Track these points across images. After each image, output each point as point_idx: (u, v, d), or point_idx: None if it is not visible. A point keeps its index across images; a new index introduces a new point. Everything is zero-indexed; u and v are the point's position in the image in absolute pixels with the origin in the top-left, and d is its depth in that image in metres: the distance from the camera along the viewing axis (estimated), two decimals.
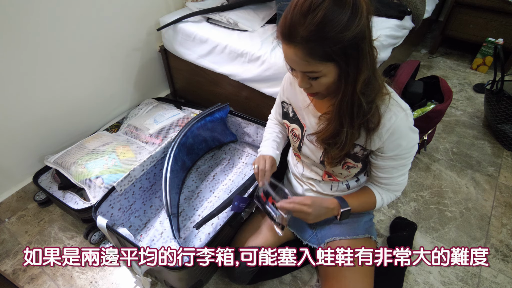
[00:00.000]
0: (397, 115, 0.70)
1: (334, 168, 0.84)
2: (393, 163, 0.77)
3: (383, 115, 0.70)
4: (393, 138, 0.72)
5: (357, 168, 0.84)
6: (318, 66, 0.61)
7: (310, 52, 0.59)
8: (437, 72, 2.27)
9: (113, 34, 1.45)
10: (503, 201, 1.40)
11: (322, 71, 0.62)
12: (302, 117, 0.87)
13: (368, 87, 0.66)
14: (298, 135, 0.90)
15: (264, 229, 1.02)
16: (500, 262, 1.18)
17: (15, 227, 1.31)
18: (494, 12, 2.05)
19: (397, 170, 0.79)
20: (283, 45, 0.63)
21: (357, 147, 0.77)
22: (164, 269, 0.86)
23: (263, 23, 1.55)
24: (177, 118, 1.55)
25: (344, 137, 0.71)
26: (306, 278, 1.13)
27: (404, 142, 0.73)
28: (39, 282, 1.14)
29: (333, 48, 0.57)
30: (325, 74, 0.62)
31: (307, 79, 0.66)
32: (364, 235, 0.95)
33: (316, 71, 0.62)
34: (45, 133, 1.35)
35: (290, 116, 0.91)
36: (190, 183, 1.34)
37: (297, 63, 0.62)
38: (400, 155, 0.75)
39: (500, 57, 1.50)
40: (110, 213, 1.10)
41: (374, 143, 0.74)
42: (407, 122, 0.72)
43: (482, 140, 1.71)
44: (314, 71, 0.62)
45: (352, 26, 0.56)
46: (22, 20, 1.11)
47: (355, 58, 0.60)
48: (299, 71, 0.65)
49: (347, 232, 0.95)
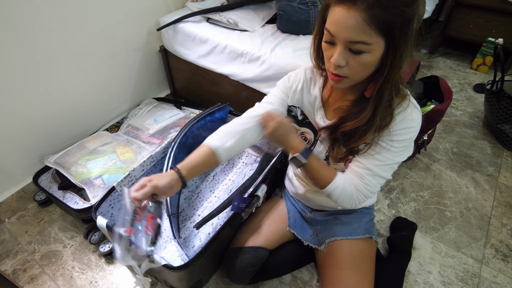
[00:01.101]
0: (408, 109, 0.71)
1: (336, 166, 0.84)
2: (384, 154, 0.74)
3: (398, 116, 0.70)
4: (401, 126, 0.71)
5: None
6: (372, 37, 0.58)
7: (371, 19, 0.57)
8: (437, 72, 2.27)
9: (113, 34, 1.45)
10: (503, 201, 1.40)
11: (373, 44, 0.59)
12: (314, 121, 0.86)
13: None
14: (309, 139, 0.88)
15: (264, 229, 1.02)
16: (500, 262, 1.18)
17: (15, 227, 1.31)
18: (494, 12, 2.05)
19: (374, 161, 0.74)
20: (338, 9, 0.59)
21: (362, 145, 0.76)
22: (164, 269, 0.86)
23: (263, 23, 1.56)
24: (177, 118, 1.55)
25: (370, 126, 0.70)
26: (306, 278, 1.13)
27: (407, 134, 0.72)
28: (39, 282, 1.14)
29: (394, 19, 0.57)
30: (372, 49, 0.60)
31: (348, 53, 0.62)
32: (365, 235, 0.95)
33: (367, 42, 0.59)
34: (45, 133, 1.35)
35: (299, 119, 0.89)
36: (190, 183, 1.33)
37: (352, 30, 0.58)
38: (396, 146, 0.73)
39: (500, 57, 1.50)
40: (110, 213, 1.10)
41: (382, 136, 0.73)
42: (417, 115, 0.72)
43: (482, 140, 1.71)
44: (365, 42, 0.59)
45: (415, 4, 0.57)
46: (22, 20, 1.11)
47: (405, 39, 0.60)
48: (343, 42, 0.61)
49: (347, 232, 0.95)
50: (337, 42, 0.62)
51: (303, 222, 1.07)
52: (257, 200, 1.02)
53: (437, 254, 1.20)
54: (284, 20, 1.44)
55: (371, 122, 0.69)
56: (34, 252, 1.22)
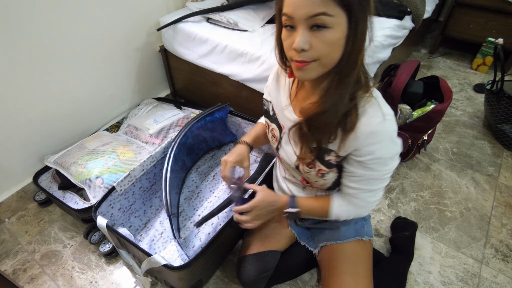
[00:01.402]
0: (374, 118, 0.64)
1: (308, 174, 0.78)
2: (363, 172, 0.70)
3: (362, 115, 0.64)
4: (368, 142, 0.65)
5: (333, 173, 0.76)
6: (331, 8, 0.55)
7: None
8: (437, 72, 2.27)
9: (113, 34, 1.45)
10: (503, 201, 1.40)
11: (334, 17, 0.56)
12: (280, 118, 0.83)
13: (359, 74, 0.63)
14: (276, 136, 0.85)
15: (271, 232, 1.01)
16: (500, 262, 1.18)
17: (15, 227, 1.31)
18: (494, 12, 2.05)
19: (366, 182, 0.73)
20: None
21: (331, 153, 0.71)
22: (164, 269, 0.86)
23: (263, 23, 1.56)
24: (177, 118, 1.55)
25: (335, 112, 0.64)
26: (306, 278, 1.13)
27: (379, 151, 0.66)
28: (39, 282, 1.14)
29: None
30: (334, 24, 0.56)
31: (310, 34, 0.58)
32: (355, 237, 0.93)
33: (328, 13, 0.55)
34: (45, 133, 1.35)
35: (270, 114, 0.88)
36: (190, 183, 1.34)
37: (310, 2, 0.55)
38: (372, 164, 0.68)
39: (500, 57, 1.50)
40: (110, 213, 1.10)
41: (349, 145, 0.67)
42: (385, 128, 0.65)
43: (482, 140, 1.71)
44: (326, 13, 0.55)
45: None
46: (22, 20, 1.11)
47: (364, 13, 0.57)
48: (304, 20, 0.57)
49: (337, 237, 0.94)
50: (297, 23, 0.58)
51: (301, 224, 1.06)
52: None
53: (437, 254, 1.20)
54: None
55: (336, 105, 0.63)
56: (34, 252, 1.22)
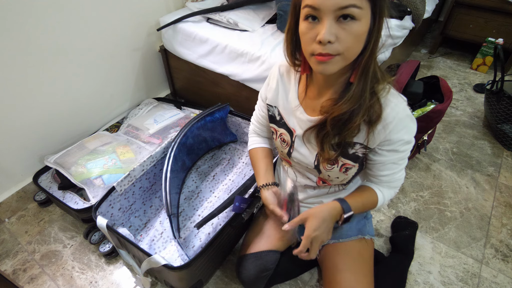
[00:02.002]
0: (399, 105, 0.67)
1: (330, 172, 0.78)
2: (394, 157, 0.74)
3: (387, 106, 0.67)
4: (398, 129, 0.68)
5: (355, 168, 0.77)
6: (360, 0, 0.55)
7: None
8: (437, 72, 2.27)
9: (113, 34, 1.45)
10: (503, 201, 1.40)
11: (363, 10, 0.56)
12: (290, 121, 0.81)
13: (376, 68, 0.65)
14: (287, 140, 0.83)
15: (271, 231, 1.00)
16: (500, 262, 1.18)
17: (15, 227, 1.31)
18: (494, 12, 2.05)
19: (397, 165, 0.76)
20: None
21: (357, 145, 0.72)
22: (164, 269, 0.86)
23: (263, 23, 1.56)
24: (177, 118, 1.55)
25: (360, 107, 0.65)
26: (306, 278, 1.13)
27: (407, 135, 0.70)
28: (39, 282, 1.14)
29: None
30: (361, 16, 0.56)
31: (336, 26, 0.57)
32: (357, 236, 0.94)
33: (358, 5, 0.55)
34: (45, 133, 1.35)
35: (277, 119, 0.84)
36: (190, 183, 1.34)
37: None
38: (401, 147, 0.72)
39: (500, 57, 1.51)
40: (110, 213, 1.10)
41: (378, 136, 0.69)
42: (408, 112, 0.69)
43: (482, 140, 1.71)
44: (356, 5, 0.55)
45: None
46: (22, 21, 1.11)
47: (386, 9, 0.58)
48: (332, 12, 0.56)
49: (338, 235, 0.94)
50: (323, 15, 0.57)
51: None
52: (258, 200, 1.02)
53: (437, 254, 1.20)
54: (284, 20, 1.44)
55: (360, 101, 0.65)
56: (34, 252, 1.22)
